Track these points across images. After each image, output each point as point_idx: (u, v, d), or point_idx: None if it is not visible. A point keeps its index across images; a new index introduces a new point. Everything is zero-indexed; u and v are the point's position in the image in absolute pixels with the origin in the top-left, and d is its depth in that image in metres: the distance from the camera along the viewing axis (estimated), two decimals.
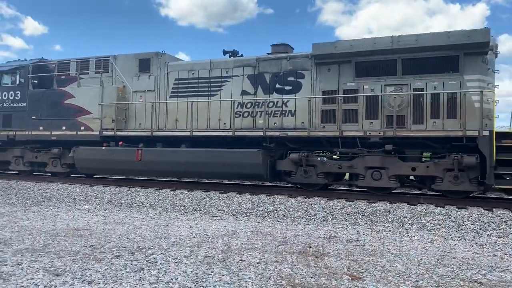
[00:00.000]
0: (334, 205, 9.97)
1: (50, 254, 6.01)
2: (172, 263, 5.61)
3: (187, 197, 11.37)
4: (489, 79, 10.13)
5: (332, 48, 11.01)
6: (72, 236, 7.35)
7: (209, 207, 10.61)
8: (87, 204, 11.55)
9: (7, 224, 8.50)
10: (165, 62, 13.42)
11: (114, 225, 8.68)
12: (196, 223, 9.08)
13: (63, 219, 9.32)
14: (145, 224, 8.87)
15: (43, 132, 14.37)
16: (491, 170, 9.27)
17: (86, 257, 5.83)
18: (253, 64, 12.23)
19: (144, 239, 7.20)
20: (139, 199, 11.58)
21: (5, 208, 11.06)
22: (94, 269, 5.20)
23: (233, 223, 9.14)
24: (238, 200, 10.82)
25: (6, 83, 15.34)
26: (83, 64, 14.49)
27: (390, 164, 10.40)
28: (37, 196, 12.45)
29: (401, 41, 10.33)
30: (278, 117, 11.73)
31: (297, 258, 6.01)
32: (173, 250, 6.35)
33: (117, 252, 6.15)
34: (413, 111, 10.35)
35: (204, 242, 7.01)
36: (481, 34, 9.75)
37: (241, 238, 7.38)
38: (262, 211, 10.08)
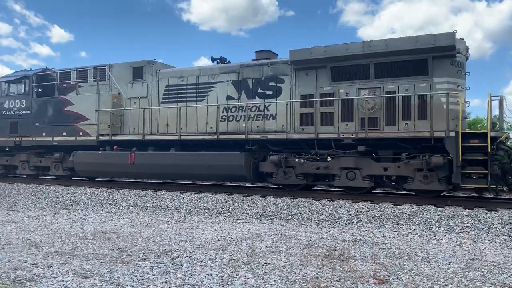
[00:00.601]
0: (359, 208, 9.86)
1: (79, 257, 6.14)
2: (198, 266, 5.66)
3: (211, 200, 11.44)
4: (459, 81, 10.47)
5: (308, 54, 11.44)
6: (99, 239, 7.49)
7: (233, 210, 10.65)
8: (113, 207, 11.76)
9: (38, 228, 8.74)
10: (157, 69, 14.06)
11: (140, 228, 8.81)
12: (220, 226, 9.13)
13: (91, 223, 9.51)
14: (170, 227, 8.96)
15: (46, 137, 15.17)
16: (457, 169, 9.54)
17: (114, 260, 5.93)
18: (237, 70, 12.81)
19: (170, 242, 7.28)
20: (164, 202, 11.71)
21: (35, 212, 11.37)
22: (121, 272, 5.29)
23: (257, 226, 9.15)
24: (262, 203, 10.82)
25: (13, 92, 16.28)
26: (82, 73, 15.21)
27: (364, 164, 10.76)
28: (66, 200, 12.75)
29: (372, 46, 10.73)
30: (260, 120, 12.27)
31: (322, 262, 5.97)
32: (198, 253, 6.40)
33: (144, 255, 6.24)
34: (385, 113, 10.75)
35: (228, 245, 7.04)
36: (447, 38, 10.04)
37: (266, 241, 7.38)
38: (286, 214, 10.05)
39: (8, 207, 12.24)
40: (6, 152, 16.50)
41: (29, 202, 12.81)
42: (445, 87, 10.27)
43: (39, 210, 11.65)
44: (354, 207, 9.93)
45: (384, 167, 10.58)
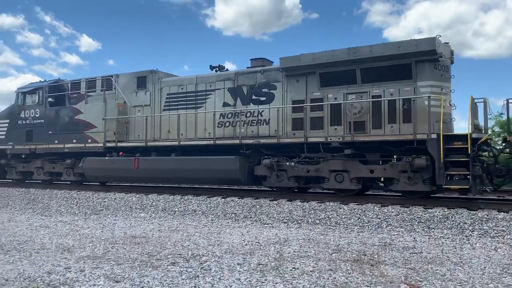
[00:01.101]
0: (389, 212, 9.68)
1: (109, 261, 6.25)
2: (226, 270, 5.67)
3: (238, 204, 11.46)
4: (443, 84, 10.75)
5: (297, 61, 11.90)
6: (129, 244, 7.61)
7: (259, 214, 10.64)
8: (142, 212, 11.94)
9: (70, 232, 8.95)
10: (159, 78, 14.73)
11: (169, 232, 8.90)
12: (248, 230, 9.13)
13: (121, 227, 9.67)
14: (198, 231, 9.02)
15: (58, 145, 15.99)
16: (440, 171, 9.75)
17: (144, 264, 6.01)
18: (233, 77, 13.37)
19: (198, 246, 7.33)
20: (192, 207, 11.81)
21: (67, 217, 11.66)
22: (151, 276, 5.35)
23: (285, 230, 9.10)
24: (289, 207, 10.77)
25: (28, 103, 17.19)
26: (91, 83, 16.03)
27: (351, 167, 11.07)
28: (96, 205, 13.02)
29: (356, 52, 11.10)
30: (255, 125, 12.76)
31: (351, 266, 5.88)
32: (226, 258, 6.41)
33: (173, 259, 6.29)
34: (372, 117, 11.07)
35: (256, 250, 7.03)
36: (427, 43, 10.34)
37: (293, 246, 7.33)
38: (313, 218, 9.97)
39: (42, 213, 12.60)
40: (23, 159, 17.45)
41: (61, 208, 13.14)
42: (429, 90, 10.52)
43: (70, 215, 11.94)
44: (383, 211, 9.76)
45: (371, 169, 10.88)
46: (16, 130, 17.32)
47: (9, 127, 17.61)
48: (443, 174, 9.75)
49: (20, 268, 5.84)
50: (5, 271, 5.66)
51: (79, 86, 16.36)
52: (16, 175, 17.90)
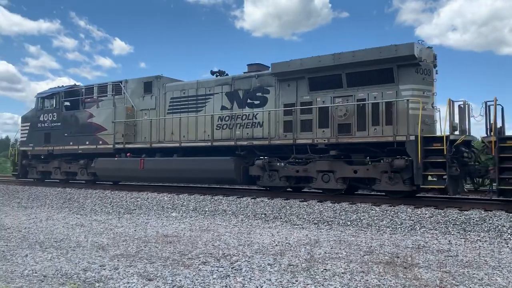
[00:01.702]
0: (422, 213, 9.45)
1: (142, 259, 6.37)
2: (257, 270, 5.67)
3: (268, 205, 11.45)
4: (425, 88, 11.06)
5: (286, 67, 12.47)
6: (161, 243, 7.73)
7: (289, 215, 10.60)
8: (174, 211, 12.10)
9: (104, 231, 9.17)
10: (163, 83, 15.53)
11: (199, 232, 8.99)
12: (278, 231, 9.11)
13: (153, 226, 9.84)
14: (229, 231, 9.07)
15: (73, 146, 17.13)
16: (418, 171, 10.11)
17: (175, 263, 6.09)
18: (230, 82, 14.00)
19: (228, 246, 7.36)
20: (222, 207, 11.89)
21: (102, 216, 11.95)
22: (183, 275, 5.42)
23: (315, 231, 9.03)
24: (319, 208, 10.68)
25: (46, 107, 18.48)
26: (102, 88, 16.99)
27: (337, 167, 11.54)
28: (129, 205, 13.29)
29: (341, 58, 11.58)
30: (250, 128, 13.38)
31: (384, 269, 5.77)
32: (257, 258, 6.42)
33: (204, 259, 6.35)
34: (357, 119, 11.50)
35: (286, 251, 7.00)
36: (407, 48, 10.70)
37: (324, 247, 7.27)
38: (344, 219, 9.85)
39: (77, 211, 12.97)
40: (42, 159, 18.83)
41: (96, 207, 13.49)
42: (410, 93, 10.89)
43: (105, 214, 12.24)
44: (417, 213, 9.54)
45: (355, 169, 11.32)
46: (36, 133, 18.55)
47: (30, 130, 18.91)
48: (421, 174, 10.08)
49: (57, 265, 6.03)
50: (43, 268, 5.85)
51: (92, 91, 17.37)
52: (37, 174, 19.15)
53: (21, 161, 19.44)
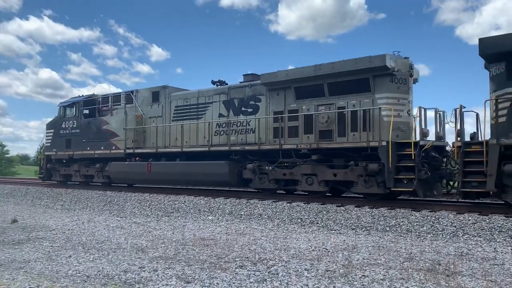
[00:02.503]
0: (465, 219, 9.12)
1: (180, 262, 6.46)
2: (293, 275, 5.63)
3: (304, 209, 11.37)
4: (400, 96, 11.71)
5: (274, 77, 13.36)
6: (199, 246, 7.82)
7: (326, 220, 10.48)
8: (210, 215, 12.23)
9: (143, 233, 9.38)
10: (169, 93, 16.63)
11: (236, 235, 9.04)
12: (314, 236, 9.03)
13: (190, 229, 9.98)
14: (265, 235, 9.07)
15: (90, 151, 18.51)
16: (389, 175, 10.78)
17: (213, 266, 6.15)
18: (226, 91, 14.97)
19: (265, 250, 7.36)
20: (258, 211, 11.90)
21: (140, 218, 12.23)
22: (220, 278, 5.45)
23: (353, 237, 8.89)
24: (357, 213, 10.51)
25: (67, 115, 20.05)
26: (116, 97, 18.44)
27: (319, 171, 12.37)
28: (167, 208, 13.54)
29: (321, 69, 12.33)
30: (243, 134, 14.28)
31: (425, 276, 5.60)
32: (293, 263, 6.38)
33: (240, 262, 6.37)
34: (338, 126, 12.26)
35: (323, 256, 6.92)
36: (379, 59, 11.36)
37: (362, 253, 7.13)
38: (383, 225, 9.64)
39: (117, 214, 13.34)
40: (64, 163, 20.38)
41: (135, 209, 13.82)
42: (385, 101, 11.57)
43: (144, 217, 12.52)
44: (459, 219, 9.21)
45: (334, 173, 12.11)
46: (58, 139, 20.14)
47: (53, 136, 20.53)
48: (392, 178, 10.78)
49: (99, 266, 6.22)
50: (86, 268, 6.05)
51: (107, 100, 18.73)
52: (59, 177, 20.66)
53: (46, 165, 20.98)
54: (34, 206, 15.83)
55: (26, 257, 6.82)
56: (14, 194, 19.13)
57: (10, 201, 17.65)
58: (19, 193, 19.15)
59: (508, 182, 9.43)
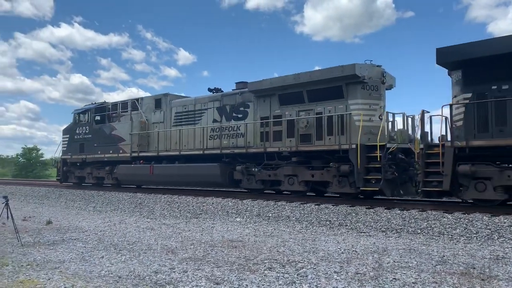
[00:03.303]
0: (501, 222, 8.83)
1: (210, 263, 6.52)
2: (323, 278, 5.59)
3: (332, 212, 11.27)
4: (372, 102, 12.50)
5: (259, 85, 14.33)
6: (227, 247, 7.86)
7: (355, 222, 10.35)
8: (238, 217, 12.28)
9: (173, 235, 9.50)
10: (170, 100, 17.82)
11: (264, 237, 9.04)
12: (343, 238, 8.93)
13: (219, 231, 10.05)
14: (293, 237, 9.04)
15: (100, 155, 19.79)
16: (358, 175, 11.61)
17: (241, 268, 6.17)
18: (219, 99, 16.01)
19: (293, 253, 7.33)
20: (285, 213, 11.87)
21: (170, 220, 12.40)
22: (249, 280, 5.47)
23: (383, 239, 8.75)
24: (387, 215, 10.33)
25: (81, 121, 21.48)
26: (124, 104, 19.69)
27: (299, 172, 13.31)
28: (196, 209, 13.68)
29: (300, 77, 13.25)
30: (234, 138, 15.26)
31: (459, 280, 5.46)
32: (323, 265, 6.33)
33: (269, 264, 6.37)
34: (316, 130, 13.08)
35: (353, 258, 6.84)
36: (349, 69, 12.14)
37: (393, 256, 7.01)
38: (414, 227, 9.45)
39: (147, 216, 13.56)
40: (78, 166, 21.79)
41: (165, 211, 14.02)
42: (357, 107, 12.34)
43: (173, 219, 12.69)
44: (494, 221, 8.93)
45: (312, 174, 13.01)
46: (73, 143, 21.62)
47: (69, 141, 22.00)
48: (362, 178, 11.59)
49: (130, 266, 6.34)
50: (118, 269, 6.18)
51: (116, 107, 19.97)
52: (74, 179, 22.10)
53: (62, 167, 22.53)
54: (68, 208, 16.28)
55: (61, 258, 7.02)
56: (49, 196, 19.74)
57: (44, 203, 18.23)
58: (53, 195, 19.76)
59: (463, 181, 10.14)
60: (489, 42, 10.04)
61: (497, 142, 9.67)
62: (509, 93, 9.68)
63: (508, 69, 9.65)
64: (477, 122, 10.10)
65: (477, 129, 10.08)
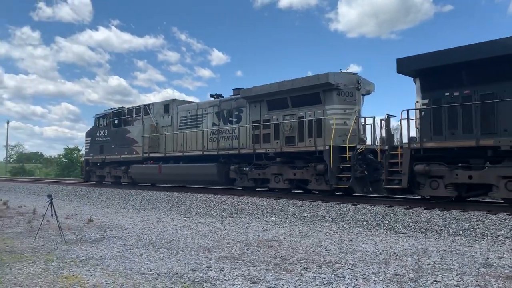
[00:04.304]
0: None
1: (246, 262, 6.54)
2: (360, 279, 5.50)
3: (369, 212, 11.08)
4: (346, 107, 13.74)
5: (250, 92, 15.86)
6: (263, 247, 7.87)
7: (393, 223, 10.13)
8: (273, 216, 12.27)
9: (209, 234, 9.61)
10: (177, 105, 19.57)
11: (299, 237, 8.99)
12: (381, 239, 8.76)
13: (254, 230, 10.07)
14: (329, 238, 8.94)
15: (117, 156, 21.84)
16: (331, 174, 12.91)
17: (277, 268, 6.16)
18: (218, 104, 17.63)
19: (330, 253, 7.26)
20: (321, 213, 11.76)
21: (206, 219, 12.55)
22: (285, 280, 5.45)
23: (422, 240, 8.51)
24: (426, 216, 10.06)
25: (101, 125, 23.64)
26: (137, 109, 21.38)
27: (283, 171, 14.71)
28: (231, 208, 13.77)
29: (284, 85, 14.67)
30: (230, 140, 16.74)
31: (504, 284, 5.24)
32: (360, 266, 6.23)
33: (305, 265, 6.33)
34: (298, 133, 14.40)
35: (392, 260, 6.70)
36: (324, 77, 13.51)
37: (433, 257, 6.81)
38: (455, 228, 9.15)
39: (184, 214, 13.77)
40: (98, 166, 23.84)
41: (201, 210, 14.20)
42: (332, 112, 13.64)
43: (209, 217, 12.83)
44: None
45: (294, 173, 14.39)
46: (94, 145, 23.77)
47: (90, 143, 24.22)
48: (334, 176, 12.90)
49: (169, 264, 6.46)
50: (157, 267, 6.30)
51: (131, 111, 21.81)
52: (96, 178, 24.19)
53: (85, 167, 24.87)
54: (107, 206, 16.77)
55: (102, 255, 7.24)
56: (89, 195, 20.40)
57: (85, 201, 18.85)
58: (94, 194, 20.40)
59: (420, 180, 11.18)
60: (442, 53, 10.96)
61: (446, 144, 10.77)
62: (459, 99, 10.75)
63: (457, 77, 10.75)
64: (433, 126, 11.18)
65: (433, 132, 11.16)
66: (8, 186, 28.39)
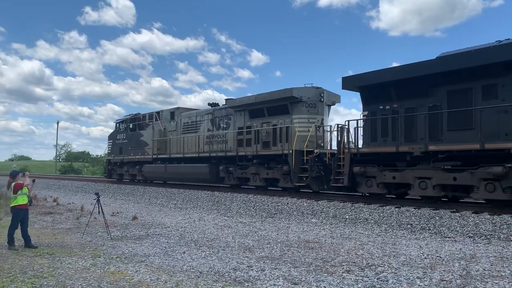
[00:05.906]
0: None
1: (286, 263, 6.53)
2: (405, 283, 5.36)
3: (414, 215, 10.77)
4: (310, 116, 15.95)
5: (233, 102, 18.57)
6: (303, 248, 7.82)
7: (439, 226, 9.80)
8: (314, 217, 12.17)
9: (249, 233, 9.65)
10: (180, 112, 22.63)
11: (341, 239, 8.87)
12: (426, 243, 8.49)
13: (294, 231, 10.03)
14: (372, 240, 8.77)
15: (132, 157, 25.08)
16: (293, 174, 15.13)
17: (319, 269, 6.10)
18: (211, 112, 20.30)
19: (372, 256, 7.11)
20: (363, 215, 11.55)
21: (246, 218, 12.62)
22: (327, 282, 5.39)
23: (470, 245, 8.18)
24: (474, 220, 9.66)
25: (120, 129, 26.99)
26: (150, 115, 24.49)
27: (260, 171, 16.96)
28: (271, 209, 13.78)
29: (260, 97, 17.11)
30: (221, 144, 19.20)
31: None
32: (404, 270, 6.07)
33: (347, 267, 6.24)
34: (273, 138, 16.68)
35: (437, 264, 6.48)
36: (288, 92, 16.00)
37: (482, 263, 6.53)
38: (506, 234, 8.72)
39: (225, 213, 13.91)
40: (118, 165, 26.86)
41: (241, 210, 14.29)
42: (298, 121, 15.90)
43: (249, 217, 12.89)
44: None
45: (267, 172, 16.59)
46: (115, 147, 27.01)
47: (112, 145, 27.47)
48: (296, 176, 15.06)
49: (210, 262, 6.54)
50: (199, 264, 6.40)
51: (145, 117, 24.95)
52: (116, 176, 27.39)
53: (107, 166, 28.38)
54: (151, 204, 17.21)
55: (146, 252, 7.44)
56: (134, 193, 21.01)
57: (130, 199, 19.42)
58: (138, 193, 21.00)
59: (359, 179, 13.16)
60: (378, 72, 13.09)
61: (375, 149, 12.85)
62: (389, 111, 12.83)
63: (388, 94, 12.82)
64: (370, 134, 13.28)
65: (370, 139, 13.26)
66: (58, 184, 29.72)
